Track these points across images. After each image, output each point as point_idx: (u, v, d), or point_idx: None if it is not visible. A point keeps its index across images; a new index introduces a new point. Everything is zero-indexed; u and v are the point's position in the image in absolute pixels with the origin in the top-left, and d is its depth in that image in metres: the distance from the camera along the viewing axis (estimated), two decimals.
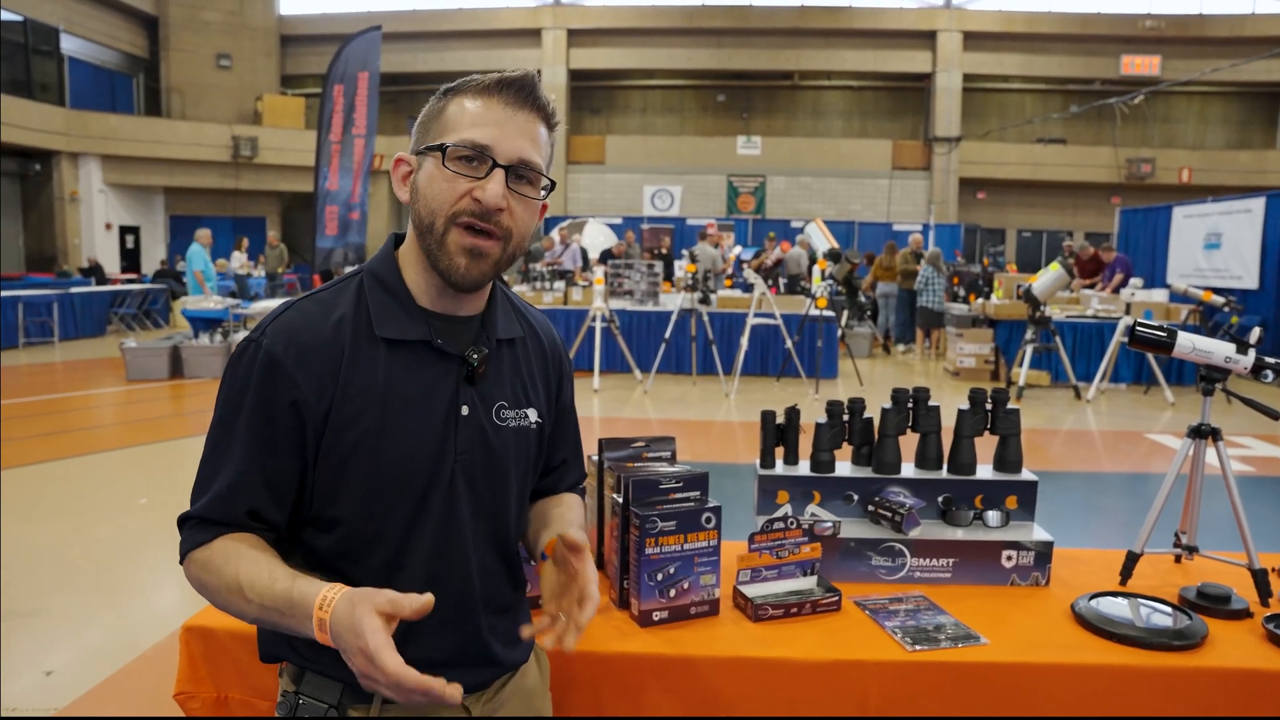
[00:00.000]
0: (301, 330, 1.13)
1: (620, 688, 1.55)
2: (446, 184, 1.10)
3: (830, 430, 1.99)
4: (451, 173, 1.10)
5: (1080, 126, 23.45)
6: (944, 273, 12.20)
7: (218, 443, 1.14)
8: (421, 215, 1.12)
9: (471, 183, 1.10)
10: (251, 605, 1.05)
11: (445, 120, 1.13)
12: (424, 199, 1.12)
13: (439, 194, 1.11)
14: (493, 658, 1.24)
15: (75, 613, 3.66)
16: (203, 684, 1.60)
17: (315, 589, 1.01)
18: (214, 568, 1.09)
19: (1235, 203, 11.85)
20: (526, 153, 1.12)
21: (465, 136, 1.10)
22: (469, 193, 1.10)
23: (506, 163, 1.10)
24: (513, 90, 1.12)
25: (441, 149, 1.11)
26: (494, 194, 1.09)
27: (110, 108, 21.64)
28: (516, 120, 1.12)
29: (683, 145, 23.57)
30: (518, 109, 1.12)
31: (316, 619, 0.99)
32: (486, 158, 1.10)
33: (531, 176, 1.13)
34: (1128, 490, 6.08)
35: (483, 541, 1.22)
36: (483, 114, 1.11)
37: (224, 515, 1.11)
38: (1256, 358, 1.88)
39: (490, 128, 1.10)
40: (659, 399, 8.75)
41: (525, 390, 1.27)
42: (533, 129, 1.13)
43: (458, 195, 1.10)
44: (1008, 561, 1.87)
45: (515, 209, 1.12)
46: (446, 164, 1.10)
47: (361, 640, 0.94)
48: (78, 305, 13.21)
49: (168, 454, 6.44)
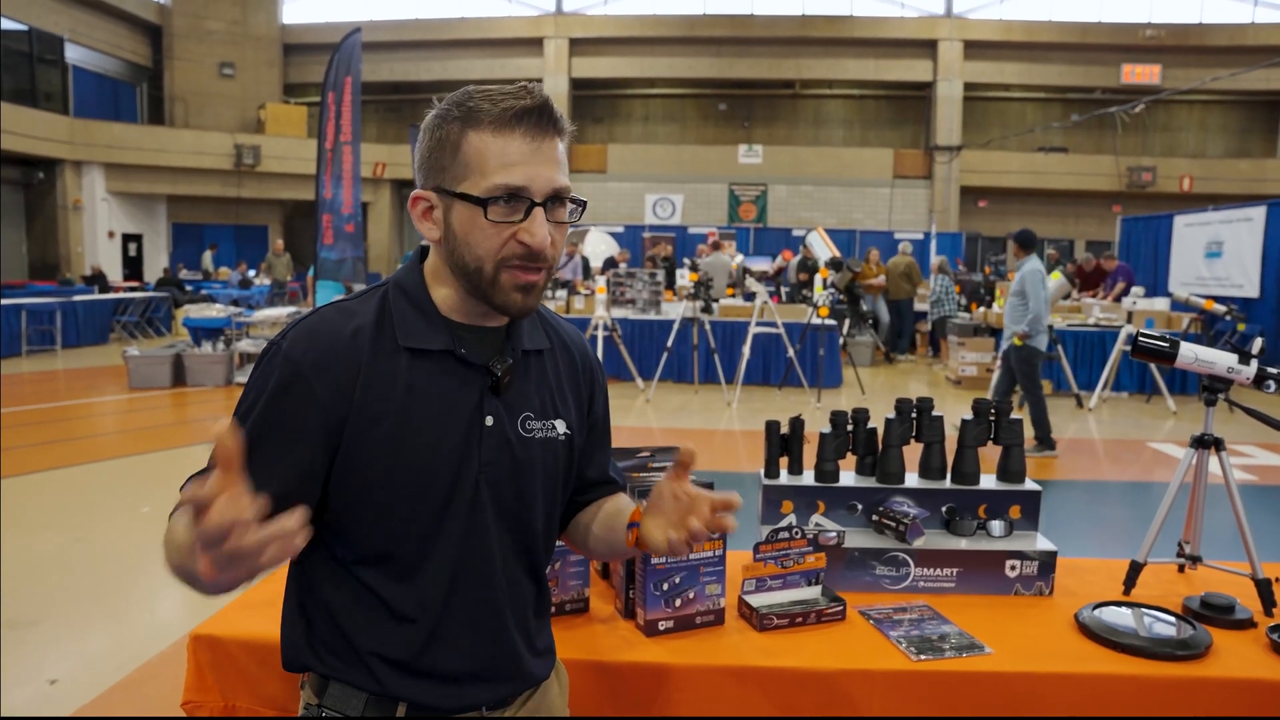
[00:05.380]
0: (322, 336, 1.13)
1: (626, 697, 1.56)
2: (490, 231, 1.10)
3: (834, 440, 2.00)
4: (493, 222, 1.10)
5: (1081, 135, 23.49)
6: (952, 279, 12.24)
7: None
8: (466, 261, 1.12)
9: (512, 227, 1.09)
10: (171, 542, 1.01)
11: (466, 159, 1.10)
12: (466, 246, 1.11)
13: (483, 242, 1.10)
14: (520, 670, 1.23)
15: (78, 621, 3.66)
16: (210, 693, 1.61)
17: None
18: (173, 522, 1.05)
19: (1236, 211, 11.86)
20: (558, 181, 1.11)
21: (497, 182, 1.08)
22: (513, 236, 1.09)
23: (543, 199, 1.10)
24: (533, 120, 1.09)
25: (481, 203, 1.09)
26: (541, 237, 1.10)
27: (114, 116, 21.72)
28: (542, 152, 1.10)
29: (684, 154, 23.61)
30: (541, 139, 1.10)
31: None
32: (524, 198, 1.09)
33: (565, 200, 1.13)
34: (1130, 499, 6.08)
35: (509, 552, 1.21)
36: (508, 152, 1.08)
37: None
38: (1259, 368, 1.89)
39: (520, 168, 1.08)
40: (661, 408, 8.75)
41: (553, 402, 1.25)
42: (556, 154, 1.12)
43: (502, 241, 1.10)
44: (1011, 571, 1.87)
45: (555, 237, 1.13)
46: (489, 217, 1.09)
47: (189, 493, 0.84)
48: (80, 313, 13.22)
49: (170, 462, 6.45)
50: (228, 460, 0.85)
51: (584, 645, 1.60)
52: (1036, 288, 6.63)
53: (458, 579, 1.15)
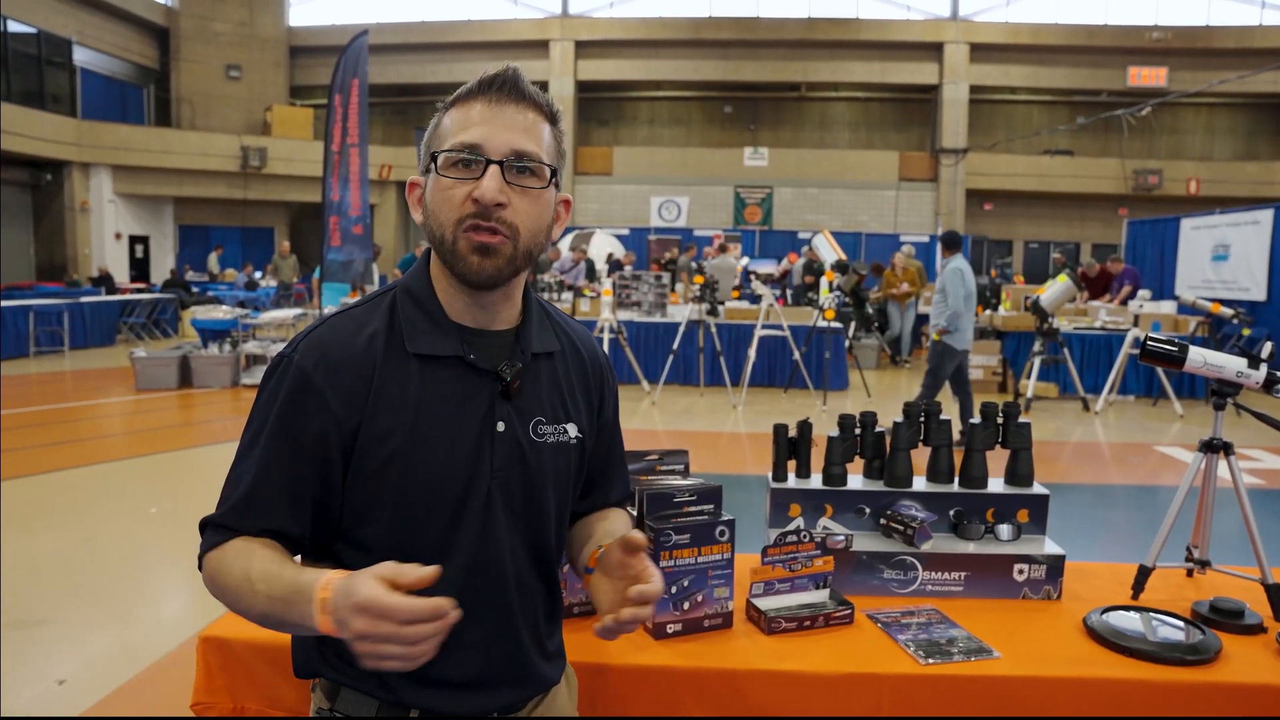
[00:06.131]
0: (333, 345, 1.13)
1: (634, 700, 1.56)
2: (447, 193, 1.10)
3: (842, 444, 2.00)
4: (450, 180, 1.10)
5: (1087, 138, 23.46)
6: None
7: (244, 453, 1.14)
8: (433, 230, 1.12)
9: (470, 185, 1.09)
10: (259, 597, 1.03)
11: (440, 133, 1.13)
12: (432, 213, 1.12)
13: (442, 204, 1.11)
14: (531, 675, 1.23)
15: (86, 622, 3.67)
16: (219, 695, 1.61)
17: (321, 573, 0.99)
18: (227, 564, 1.08)
19: (1243, 214, 11.82)
20: (519, 144, 1.10)
21: (454, 141, 1.10)
22: (469, 195, 1.09)
23: (500, 157, 1.09)
24: (495, 87, 1.11)
25: (434, 157, 1.12)
26: (488, 189, 1.08)
27: (121, 118, 21.80)
28: (504, 114, 1.11)
29: (690, 156, 23.63)
30: (504, 104, 1.11)
31: (319, 599, 0.95)
32: (479, 157, 1.09)
33: (532, 167, 1.11)
34: (1137, 503, 6.07)
35: (521, 558, 1.21)
36: (470, 116, 1.11)
37: (240, 525, 1.11)
38: (1268, 373, 1.88)
39: (478, 127, 1.10)
40: (667, 410, 8.76)
41: (564, 405, 1.25)
42: (524, 120, 1.12)
43: (459, 201, 1.09)
44: (1019, 575, 1.87)
45: (518, 203, 1.10)
46: (441, 172, 1.11)
47: (355, 597, 0.90)
48: (87, 315, 13.26)
49: (177, 463, 6.47)
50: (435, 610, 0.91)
51: (592, 648, 1.60)
52: (955, 286, 6.77)
53: (470, 585, 1.14)
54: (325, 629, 0.95)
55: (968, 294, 6.81)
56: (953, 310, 6.77)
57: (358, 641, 0.90)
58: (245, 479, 1.12)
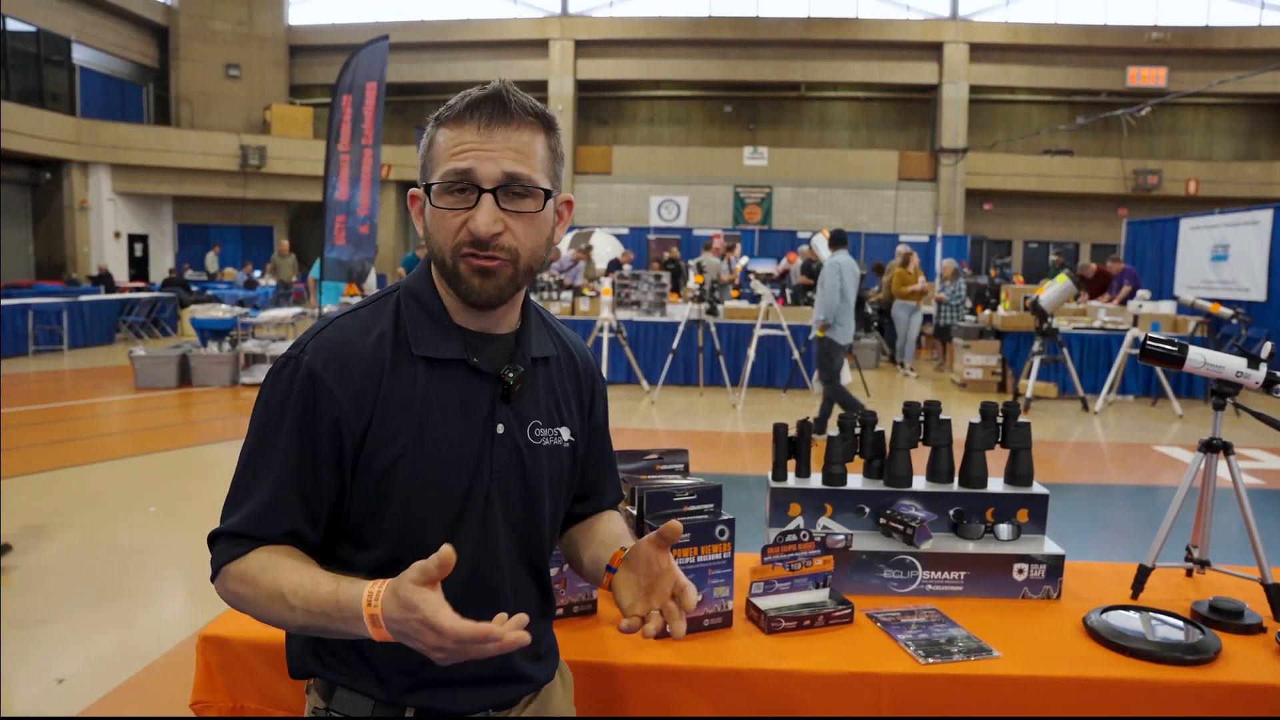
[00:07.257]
0: (342, 347, 1.13)
1: (634, 699, 1.56)
2: (443, 221, 1.11)
3: (842, 443, 2.00)
4: (444, 210, 1.10)
5: (1087, 138, 23.46)
6: (965, 283, 12.20)
7: (253, 459, 1.13)
8: (434, 250, 1.14)
9: (464, 214, 1.09)
10: (296, 612, 1.04)
11: (434, 155, 1.12)
12: (432, 238, 1.13)
13: (439, 231, 1.12)
14: (522, 674, 1.25)
15: (86, 621, 3.67)
16: (219, 694, 1.61)
17: (360, 589, 1.00)
18: (251, 579, 1.08)
19: (1242, 214, 11.82)
20: (510, 168, 1.09)
21: (446, 169, 1.09)
22: (464, 225, 1.09)
23: (492, 185, 1.08)
24: (483, 109, 1.10)
25: (428, 188, 1.12)
26: (483, 223, 1.08)
27: (120, 117, 21.79)
28: (494, 138, 1.09)
29: (689, 156, 23.62)
30: (493, 126, 1.09)
31: (368, 616, 0.98)
32: (471, 185, 1.09)
33: (526, 190, 1.11)
34: (1137, 503, 6.07)
35: (516, 559, 1.22)
36: (460, 141, 1.10)
37: (259, 532, 1.11)
38: (1268, 373, 1.88)
39: (469, 154, 1.09)
40: (666, 410, 8.76)
41: (559, 409, 1.27)
42: (516, 141, 1.10)
43: (455, 230, 1.10)
44: (1019, 575, 1.87)
45: (515, 226, 1.10)
46: (435, 203, 1.11)
47: (418, 612, 0.93)
48: (87, 313, 13.26)
49: (177, 462, 6.47)
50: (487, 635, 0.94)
51: (592, 647, 1.60)
52: (833, 281, 6.91)
53: (468, 586, 1.15)
54: (379, 639, 0.99)
55: (844, 290, 6.95)
56: (826, 305, 6.94)
57: (433, 652, 0.96)
58: (261, 484, 1.11)
